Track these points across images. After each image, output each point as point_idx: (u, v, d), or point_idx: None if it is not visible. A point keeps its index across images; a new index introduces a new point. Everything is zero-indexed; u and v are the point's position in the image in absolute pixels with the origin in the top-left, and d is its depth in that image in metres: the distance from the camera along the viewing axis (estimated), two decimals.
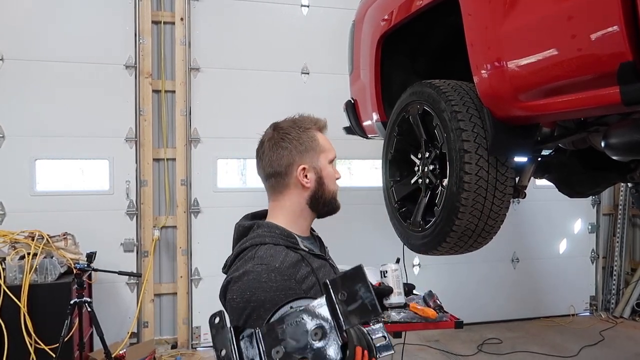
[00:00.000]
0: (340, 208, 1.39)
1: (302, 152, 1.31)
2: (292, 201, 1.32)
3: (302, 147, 1.31)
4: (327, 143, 1.37)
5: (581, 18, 1.28)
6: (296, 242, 1.26)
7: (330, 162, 1.36)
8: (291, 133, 1.32)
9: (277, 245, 1.22)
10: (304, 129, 1.33)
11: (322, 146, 1.34)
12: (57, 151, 4.14)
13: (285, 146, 1.31)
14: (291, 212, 1.33)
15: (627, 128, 1.46)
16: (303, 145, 1.31)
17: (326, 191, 1.34)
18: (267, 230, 1.27)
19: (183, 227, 4.36)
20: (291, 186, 1.32)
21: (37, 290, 3.30)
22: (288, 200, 1.33)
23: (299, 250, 1.24)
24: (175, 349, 4.35)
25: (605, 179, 2.29)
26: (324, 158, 1.34)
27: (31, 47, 4.05)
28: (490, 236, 1.92)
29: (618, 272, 5.39)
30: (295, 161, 1.31)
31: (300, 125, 1.34)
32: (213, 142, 4.41)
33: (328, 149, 1.36)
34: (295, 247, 1.24)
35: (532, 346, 4.42)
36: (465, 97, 1.82)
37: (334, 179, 1.37)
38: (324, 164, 1.34)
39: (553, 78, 1.41)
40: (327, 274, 1.29)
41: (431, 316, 2.67)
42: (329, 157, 1.36)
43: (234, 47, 4.45)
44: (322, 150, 1.34)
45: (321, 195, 1.33)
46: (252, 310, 1.11)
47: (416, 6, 2.07)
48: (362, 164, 4.95)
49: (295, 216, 1.33)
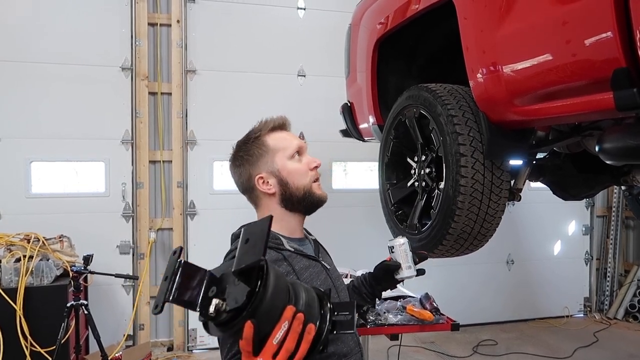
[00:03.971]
0: (324, 198, 1.35)
1: (254, 162, 1.30)
2: (268, 210, 1.31)
3: (252, 159, 1.30)
4: (282, 140, 1.32)
5: (575, 24, 1.30)
6: (280, 242, 1.26)
7: (292, 157, 1.31)
8: (240, 150, 1.33)
9: None
10: (252, 139, 1.32)
11: (275, 147, 1.31)
12: (52, 153, 4.13)
13: (238, 164, 1.33)
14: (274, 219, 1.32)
15: (620, 133, 1.47)
16: (253, 156, 1.30)
17: (293, 188, 1.30)
18: None
19: (179, 230, 4.36)
20: (261, 197, 1.32)
21: (33, 293, 3.29)
22: (265, 210, 1.32)
23: (282, 250, 1.24)
24: (171, 351, 4.35)
25: (599, 182, 2.31)
26: (281, 157, 1.30)
27: (26, 49, 4.04)
28: (486, 239, 1.94)
29: (612, 273, 5.43)
30: (252, 174, 1.31)
31: (249, 137, 1.33)
32: (209, 145, 4.40)
33: (283, 147, 1.31)
34: (278, 248, 1.24)
35: (527, 347, 4.44)
36: (461, 101, 1.84)
37: (303, 171, 1.32)
38: (281, 163, 1.30)
39: (548, 83, 1.43)
40: (317, 274, 1.28)
41: (428, 319, 2.68)
42: (287, 154, 1.31)
43: (231, 49, 4.45)
44: (276, 151, 1.31)
45: (291, 194, 1.30)
46: None
47: (412, 10, 2.08)
48: (358, 166, 4.96)
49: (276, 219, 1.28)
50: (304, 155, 1.35)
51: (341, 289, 1.39)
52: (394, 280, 1.55)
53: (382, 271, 1.55)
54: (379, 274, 1.55)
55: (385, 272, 1.54)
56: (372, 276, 1.57)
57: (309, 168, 1.33)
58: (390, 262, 1.54)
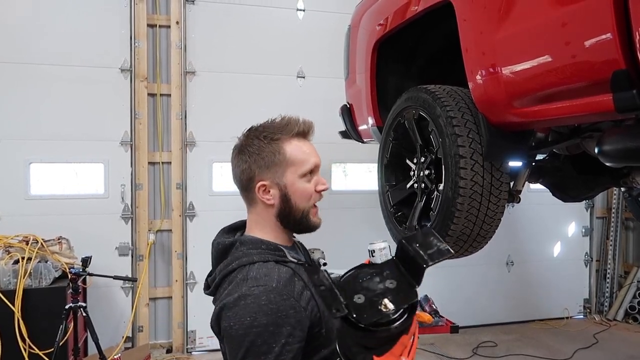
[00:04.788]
0: (318, 226, 1.24)
1: (262, 167, 1.17)
2: (262, 215, 1.21)
3: (262, 162, 1.17)
4: (301, 154, 1.19)
5: (575, 25, 1.30)
6: (284, 254, 1.18)
7: (304, 175, 1.19)
8: (254, 144, 1.19)
9: (267, 262, 1.13)
10: (271, 139, 1.18)
11: (291, 159, 1.18)
12: (51, 154, 4.12)
13: (245, 159, 1.19)
14: (267, 225, 1.22)
15: (620, 135, 1.47)
16: (264, 159, 1.17)
17: (294, 209, 1.19)
18: (252, 247, 1.17)
19: (178, 231, 4.35)
20: (257, 200, 1.21)
21: (32, 295, 3.28)
22: (259, 214, 1.22)
23: (288, 263, 1.16)
24: (170, 353, 4.34)
25: (598, 184, 2.31)
26: (293, 172, 1.18)
27: (26, 50, 4.04)
28: (486, 240, 1.94)
29: (611, 275, 5.42)
30: (254, 176, 1.18)
31: (269, 134, 1.19)
32: (209, 146, 4.40)
33: (300, 161, 1.19)
34: (284, 261, 1.16)
35: (527, 349, 4.43)
36: (461, 102, 1.84)
37: (308, 194, 1.20)
38: (291, 179, 1.18)
39: (547, 85, 1.43)
40: None
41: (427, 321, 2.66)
42: (300, 171, 1.19)
43: (230, 50, 4.45)
44: (290, 164, 1.18)
45: (289, 213, 1.19)
46: (255, 337, 1.02)
47: (411, 12, 2.08)
48: (357, 167, 4.96)
49: (271, 229, 1.22)
50: (315, 174, 1.23)
51: None
52: None
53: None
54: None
55: None
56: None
57: (315, 190, 1.22)
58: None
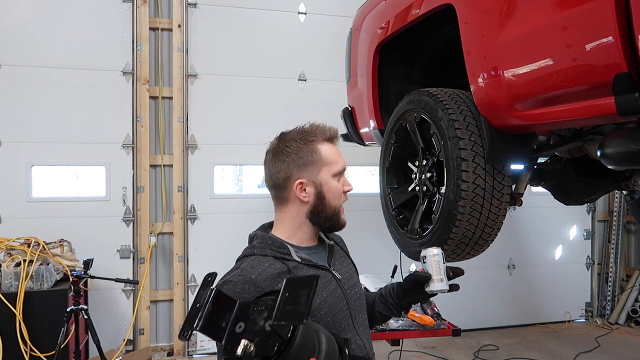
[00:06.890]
0: (344, 225, 1.36)
1: (301, 166, 1.28)
2: (291, 214, 1.32)
3: (300, 161, 1.28)
4: (333, 155, 1.32)
5: (576, 28, 1.30)
6: (287, 252, 1.25)
7: (336, 175, 1.32)
8: (291, 145, 1.29)
9: (264, 257, 1.24)
10: (307, 141, 1.30)
11: (325, 159, 1.30)
12: (53, 157, 4.13)
13: (284, 159, 1.29)
14: (291, 225, 1.33)
15: (622, 138, 1.47)
16: (302, 159, 1.28)
17: (327, 207, 1.31)
18: (259, 242, 1.29)
19: (180, 234, 4.35)
20: (290, 199, 1.31)
21: (33, 298, 3.27)
22: (288, 213, 1.32)
23: (288, 261, 1.24)
24: (172, 356, 4.33)
25: (600, 187, 2.30)
26: (327, 171, 1.30)
27: (28, 54, 4.05)
28: (488, 243, 1.94)
29: (613, 278, 5.41)
30: (292, 175, 1.28)
31: (304, 136, 1.30)
32: (210, 149, 4.40)
33: (332, 162, 1.31)
34: (284, 258, 1.24)
35: (529, 352, 4.42)
36: (462, 105, 1.84)
37: (339, 193, 1.33)
38: (325, 177, 1.30)
39: (549, 88, 1.43)
40: (324, 285, 1.27)
41: (429, 324, 2.68)
42: (333, 170, 1.31)
43: (232, 53, 4.46)
44: (325, 164, 1.30)
45: (321, 210, 1.31)
46: None
47: (413, 15, 2.09)
48: (359, 170, 4.96)
49: (294, 228, 1.32)
50: (342, 176, 1.35)
51: (354, 299, 1.35)
52: (424, 293, 1.42)
53: (412, 282, 1.44)
54: (407, 285, 1.45)
55: (415, 283, 1.43)
56: (400, 287, 1.48)
57: (343, 191, 1.34)
58: (421, 273, 1.43)
